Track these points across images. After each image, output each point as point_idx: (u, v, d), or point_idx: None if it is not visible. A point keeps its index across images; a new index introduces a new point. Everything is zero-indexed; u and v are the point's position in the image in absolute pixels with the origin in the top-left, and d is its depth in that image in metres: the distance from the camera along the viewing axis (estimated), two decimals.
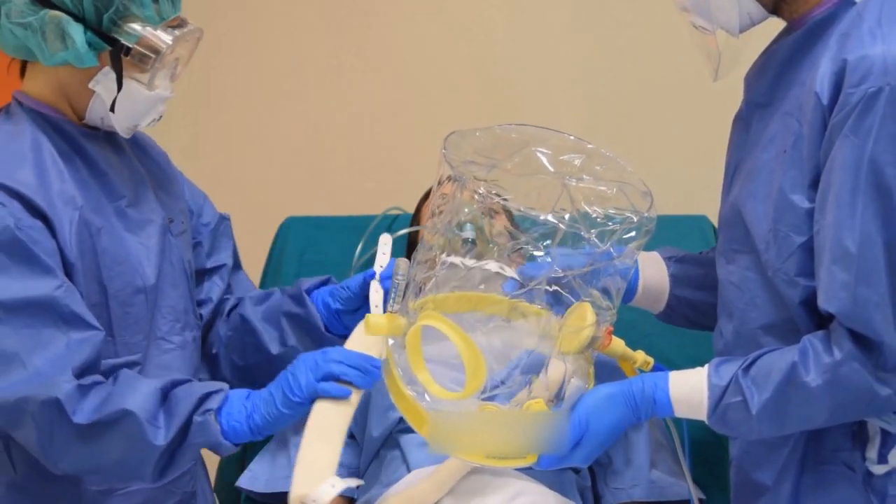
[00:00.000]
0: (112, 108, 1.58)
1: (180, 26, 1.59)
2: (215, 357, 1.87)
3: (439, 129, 1.65)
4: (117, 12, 1.53)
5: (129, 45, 1.53)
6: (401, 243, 2.33)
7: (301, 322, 1.83)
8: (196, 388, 1.56)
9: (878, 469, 1.52)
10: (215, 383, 1.59)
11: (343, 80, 2.89)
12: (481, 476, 1.80)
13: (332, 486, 1.50)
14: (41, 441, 1.49)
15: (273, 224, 2.56)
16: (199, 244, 1.85)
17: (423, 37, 2.86)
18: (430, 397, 1.54)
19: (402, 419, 1.69)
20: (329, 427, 1.56)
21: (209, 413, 1.53)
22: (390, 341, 1.59)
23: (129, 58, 1.54)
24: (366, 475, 1.97)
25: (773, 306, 1.55)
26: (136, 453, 1.51)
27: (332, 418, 1.57)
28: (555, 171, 1.58)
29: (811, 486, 1.56)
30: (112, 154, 1.67)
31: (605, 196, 1.56)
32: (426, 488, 1.79)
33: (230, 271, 1.90)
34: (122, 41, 1.53)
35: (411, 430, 1.67)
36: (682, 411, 1.55)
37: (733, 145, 1.69)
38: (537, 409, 1.53)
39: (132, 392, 1.51)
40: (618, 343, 1.64)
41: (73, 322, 1.50)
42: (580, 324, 1.55)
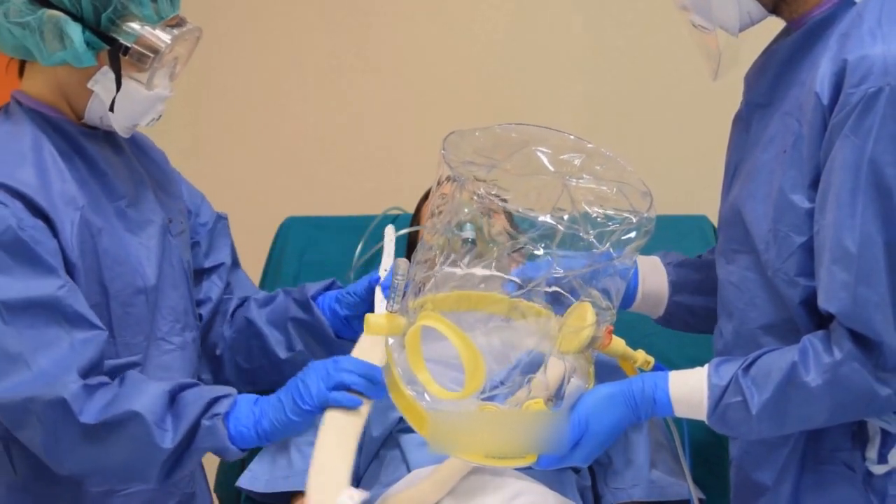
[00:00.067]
0: (111, 107, 1.57)
1: (179, 25, 1.58)
2: (219, 358, 1.87)
3: (439, 129, 1.65)
4: (115, 11, 1.52)
5: (128, 45, 1.53)
6: (401, 243, 2.33)
7: (309, 328, 1.83)
8: (205, 392, 1.56)
9: (878, 469, 1.52)
10: (223, 388, 1.58)
11: (343, 79, 2.89)
12: (481, 476, 1.80)
13: (349, 497, 1.49)
14: (46, 441, 1.49)
15: (273, 224, 2.55)
16: (196, 244, 1.85)
17: (423, 37, 2.86)
18: (430, 397, 1.54)
19: (402, 419, 1.69)
20: (342, 438, 1.56)
21: (217, 417, 1.53)
22: (390, 341, 1.59)
23: (127, 57, 1.53)
24: (366, 475, 1.97)
25: (773, 306, 1.55)
26: (143, 455, 1.51)
27: (345, 429, 1.57)
28: (555, 170, 1.58)
29: (811, 486, 1.56)
30: (112, 154, 1.66)
31: (605, 196, 1.56)
32: (426, 488, 1.79)
33: (229, 270, 1.89)
34: (121, 41, 1.53)
35: (411, 429, 1.67)
36: (681, 411, 1.55)
37: (733, 145, 1.69)
38: (537, 409, 1.53)
39: (140, 394, 1.51)
40: (618, 342, 1.63)
41: (77, 322, 1.50)
42: (580, 323, 1.54)
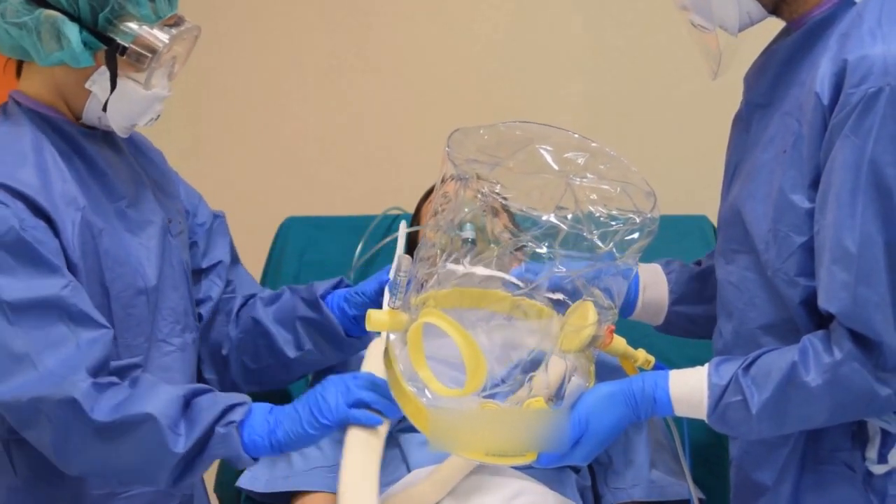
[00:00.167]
0: (105, 107, 1.56)
1: (177, 24, 1.57)
2: (225, 358, 1.86)
3: (439, 129, 1.65)
4: (113, 11, 1.51)
5: (125, 45, 1.52)
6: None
7: (318, 327, 1.83)
8: (219, 398, 1.56)
9: (878, 469, 1.52)
10: (238, 395, 1.58)
11: (343, 79, 2.89)
12: (481, 475, 1.80)
13: None
14: (56, 441, 1.49)
15: (273, 224, 2.55)
16: (194, 244, 1.85)
17: (423, 37, 2.86)
18: (431, 394, 1.54)
19: (402, 418, 1.69)
20: (367, 459, 1.58)
21: (232, 425, 1.52)
22: (392, 336, 1.59)
23: (125, 57, 1.53)
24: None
25: (773, 306, 1.55)
26: (154, 458, 1.51)
27: (369, 449, 1.58)
28: (558, 169, 1.58)
29: (811, 486, 1.56)
30: (111, 154, 1.66)
31: (609, 195, 1.56)
32: (426, 488, 1.79)
33: (228, 267, 1.89)
34: (118, 40, 1.52)
35: (411, 429, 1.67)
36: (682, 410, 1.55)
37: (733, 145, 1.69)
38: (537, 407, 1.53)
39: (154, 396, 1.51)
40: (619, 341, 1.64)
41: (82, 321, 1.49)
42: (582, 322, 1.54)
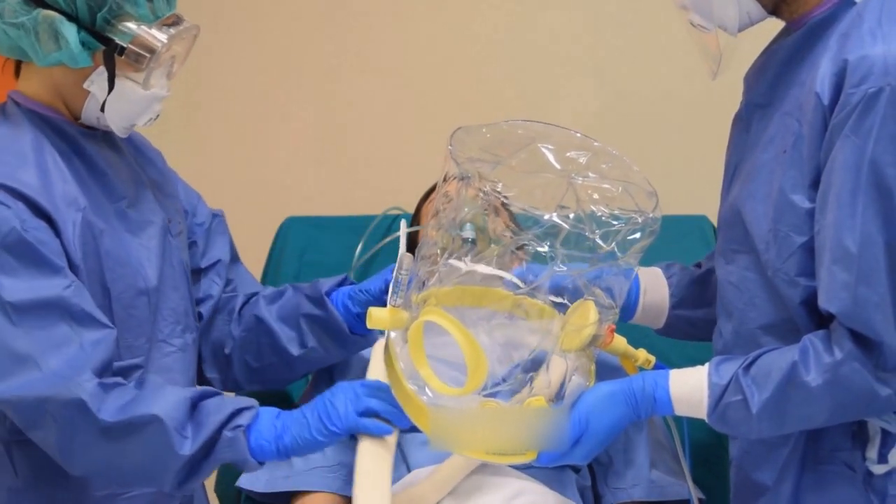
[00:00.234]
0: (102, 107, 1.56)
1: (176, 24, 1.56)
2: (228, 357, 1.86)
3: (439, 129, 1.65)
4: (111, 11, 1.51)
5: (123, 45, 1.51)
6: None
7: (322, 324, 1.83)
8: (227, 402, 1.55)
9: (879, 469, 1.52)
10: (246, 399, 1.58)
11: (343, 79, 2.89)
12: (481, 475, 1.80)
13: None
14: (61, 441, 1.49)
15: (273, 224, 2.55)
16: (194, 244, 1.84)
17: (423, 37, 2.86)
18: (432, 392, 1.54)
19: None
20: (379, 469, 1.59)
21: (239, 429, 1.52)
22: (392, 334, 1.59)
23: (123, 57, 1.52)
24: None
25: (773, 306, 1.55)
26: (160, 460, 1.51)
27: (380, 462, 1.59)
28: (560, 168, 1.58)
29: (811, 486, 1.56)
30: (111, 154, 1.65)
31: (610, 195, 1.56)
32: (426, 488, 1.79)
33: (227, 266, 1.88)
34: (117, 40, 1.51)
35: (411, 429, 1.67)
36: (682, 410, 1.55)
37: (733, 145, 1.69)
38: (538, 406, 1.53)
39: (161, 398, 1.51)
40: (620, 341, 1.64)
41: (85, 321, 1.49)
42: (583, 322, 1.55)
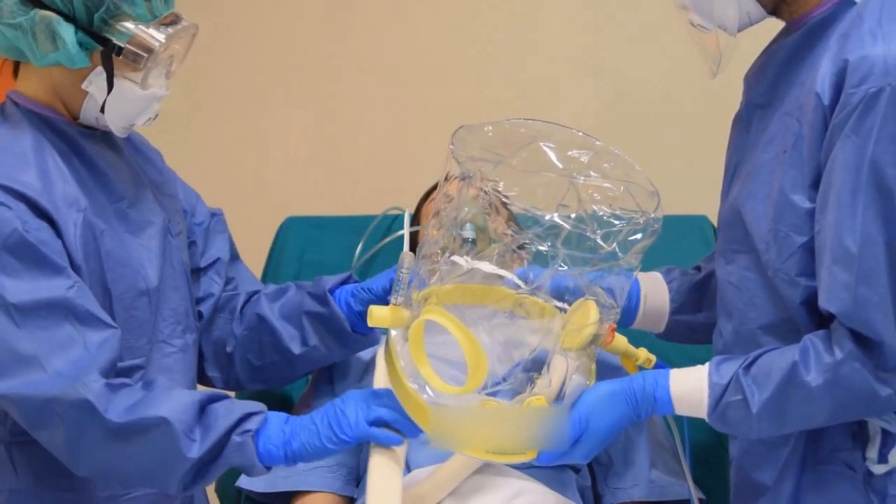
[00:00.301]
0: (102, 108, 1.55)
1: (174, 23, 1.56)
2: (229, 356, 1.86)
3: (439, 129, 1.65)
4: (108, 11, 1.50)
5: (121, 45, 1.51)
6: (400, 245, 2.33)
7: (325, 322, 1.82)
8: (236, 406, 1.55)
9: (879, 469, 1.52)
10: (254, 403, 1.58)
11: (343, 79, 2.89)
12: (481, 475, 1.80)
13: None
14: (68, 441, 1.48)
15: (273, 224, 2.55)
16: (193, 244, 1.84)
17: (422, 37, 2.86)
18: (432, 391, 1.54)
19: None
20: (390, 480, 1.59)
21: (248, 434, 1.52)
22: (393, 332, 1.59)
23: (121, 57, 1.51)
24: (366, 474, 1.97)
25: (773, 306, 1.55)
26: (167, 462, 1.51)
27: (391, 473, 1.59)
28: (562, 167, 1.58)
29: (811, 486, 1.56)
30: (111, 154, 1.65)
31: (612, 194, 1.56)
32: (427, 488, 1.78)
33: (227, 264, 1.88)
34: (114, 41, 1.51)
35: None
36: (682, 409, 1.55)
37: (733, 146, 1.69)
38: (538, 406, 1.53)
39: (169, 400, 1.51)
40: (620, 340, 1.64)
41: (89, 321, 1.49)
42: (583, 321, 1.55)
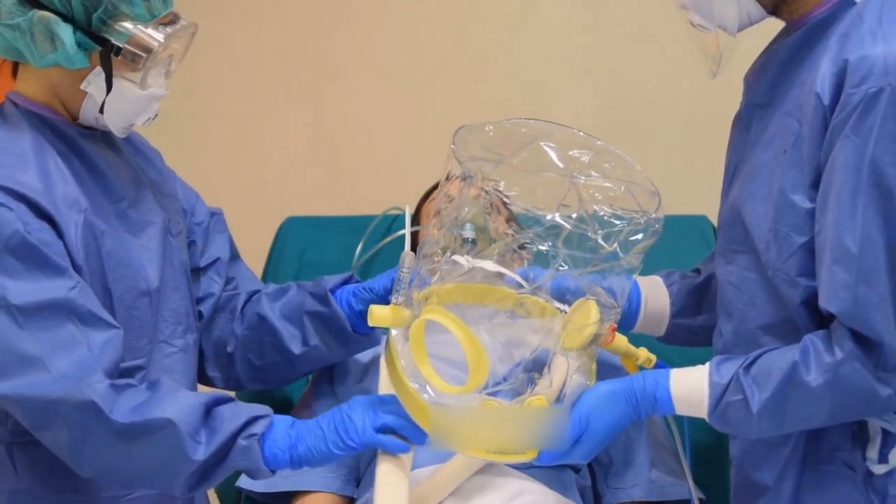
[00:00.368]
0: (101, 109, 1.55)
1: (172, 23, 1.55)
2: (230, 356, 1.86)
3: (439, 129, 1.65)
4: (106, 11, 1.50)
5: (120, 45, 1.50)
6: (400, 245, 2.33)
7: (325, 321, 1.82)
8: (242, 409, 1.55)
9: (879, 469, 1.52)
10: (260, 407, 1.58)
11: (343, 79, 2.89)
12: (481, 475, 1.80)
13: None
14: (73, 442, 1.48)
15: (273, 224, 2.55)
16: (192, 243, 1.84)
17: (422, 37, 2.86)
18: (433, 391, 1.54)
19: None
20: (397, 494, 1.58)
21: (254, 438, 1.52)
22: (394, 332, 1.59)
23: (120, 57, 1.51)
24: (366, 475, 1.97)
25: (773, 306, 1.55)
26: (171, 464, 1.51)
27: (398, 481, 1.59)
28: (563, 167, 1.58)
29: (812, 486, 1.56)
30: (110, 154, 1.65)
31: (613, 194, 1.56)
32: (427, 489, 1.78)
33: (227, 264, 1.88)
34: (113, 41, 1.50)
35: None
36: (682, 409, 1.55)
37: (733, 146, 1.69)
38: (538, 405, 1.53)
39: (174, 402, 1.51)
40: (621, 340, 1.64)
41: (92, 321, 1.49)
42: (584, 321, 1.55)
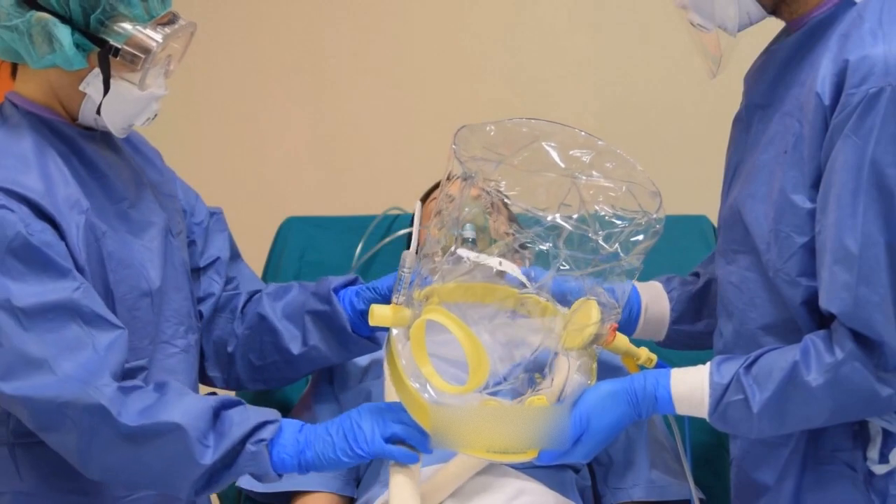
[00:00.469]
0: (98, 110, 1.55)
1: (171, 22, 1.55)
2: (230, 356, 1.85)
3: (439, 128, 1.65)
4: (104, 12, 1.49)
5: (118, 46, 1.50)
6: (401, 244, 2.33)
7: (326, 321, 1.82)
8: (251, 414, 1.55)
9: (880, 469, 1.52)
10: (268, 411, 1.58)
11: (343, 79, 2.90)
12: (482, 475, 1.80)
13: None
14: (80, 445, 1.48)
15: (273, 224, 2.55)
16: (192, 243, 1.83)
17: (422, 36, 2.86)
18: (433, 390, 1.54)
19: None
20: (411, 498, 1.59)
21: (262, 443, 1.52)
22: (395, 331, 1.59)
23: (118, 58, 1.51)
24: (366, 475, 1.97)
25: (773, 306, 1.55)
26: (179, 468, 1.50)
27: (410, 489, 1.60)
28: (564, 166, 1.58)
29: (812, 486, 1.56)
30: (111, 154, 1.65)
31: (614, 194, 1.56)
32: (428, 489, 1.78)
33: (227, 263, 1.88)
34: (111, 42, 1.50)
35: None
36: (683, 409, 1.55)
37: (733, 146, 1.69)
38: (539, 405, 1.53)
39: (182, 405, 1.51)
40: (622, 339, 1.64)
41: (96, 322, 1.49)
42: (585, 321, 1.55)
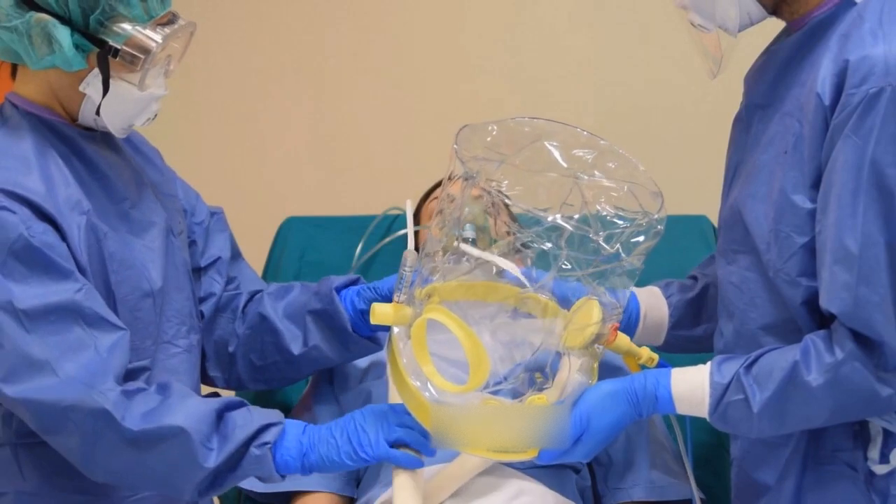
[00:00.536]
0: (98, 111, 1.55)
1: (171, 22, 1.55)
2: (231, 356, 1.85)
3: (439, 128, 1.65)
4: (104, 13, 1.49)
5: (117, 47, 1.50)
6: (401, 244, 2.33)
7: (327, 321, 1.82)
8: (254, 416, 1.55)
9: (880, 469, 1.52)
10: (271, 413, 1.58)
11: (343, 79, 2.89)
12: (482, 475, 1.80)
13: None
14: (83, 448, 1.48)
15: (273, 224, 2.55)
16: (193, 243, 1.83)
17: (422, 36, 2.86)
18: (434, 389, 1.54)
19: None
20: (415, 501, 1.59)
21: (266, 446, 1.52)
22: (396, 330, 1.59)
23: (118, 59, 1.50)
24: (366, 475, 1.97)
25: (773, 306, 1.55)
26: (182, 471, 1.51)
27: (412, 495, 1.59)
28: (566, 166, 1.58)
29: (813, 486, 1.57)
30: (111, 154, 1.64)
31: (615, 195, 1.56)
32: (428, 490, 1.78)
33: (228, 263, 1.87)
34: (110, 42, 1.50)
35: None
36: (683, 408, 1.55)
37: (733, 146, 1.69)
38: (539, 404, 1.53)
39: (186, 409, 1.51)
40: (623, 339, 1.64)
41: (99, 324, 1.49)
42: (586, 321, 1.55)
